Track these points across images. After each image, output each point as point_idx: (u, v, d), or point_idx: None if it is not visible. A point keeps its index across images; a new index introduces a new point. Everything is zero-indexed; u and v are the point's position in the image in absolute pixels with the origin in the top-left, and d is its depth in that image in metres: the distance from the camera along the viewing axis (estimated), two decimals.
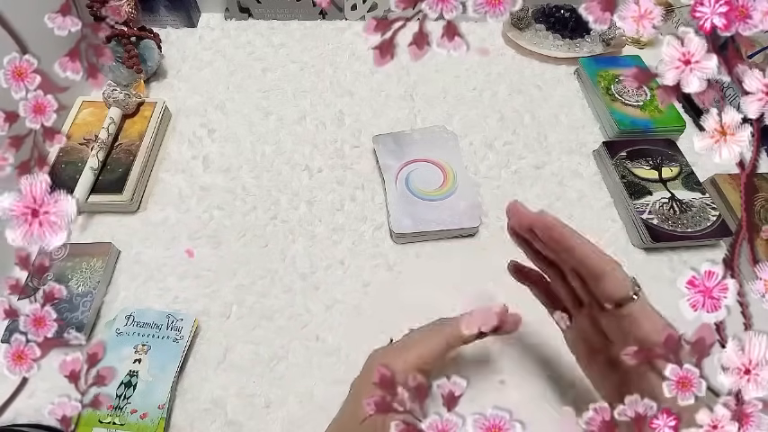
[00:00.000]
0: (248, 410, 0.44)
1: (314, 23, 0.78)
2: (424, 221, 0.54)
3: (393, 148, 0.60)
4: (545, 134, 0.65)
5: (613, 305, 0.34)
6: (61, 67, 0.24)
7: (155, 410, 0.42)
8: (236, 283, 0.51)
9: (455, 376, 0.25)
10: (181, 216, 0.56)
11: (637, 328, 0.33)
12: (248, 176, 0.59)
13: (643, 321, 0.33)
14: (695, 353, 0.25)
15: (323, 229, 0.55)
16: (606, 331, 0.36)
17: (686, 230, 0.53)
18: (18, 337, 0.27)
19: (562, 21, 0.74)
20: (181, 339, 0.46)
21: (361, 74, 0.71)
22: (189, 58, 0.72)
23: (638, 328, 0.33)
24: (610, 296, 0.34)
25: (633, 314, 0.33)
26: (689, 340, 0.26)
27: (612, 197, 0.59)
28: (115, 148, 0.58)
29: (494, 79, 0.71)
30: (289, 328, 0.49)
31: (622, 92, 0.66)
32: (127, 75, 0.63)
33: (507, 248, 0.55)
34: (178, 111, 0.66)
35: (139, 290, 0.50)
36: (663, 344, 0.27)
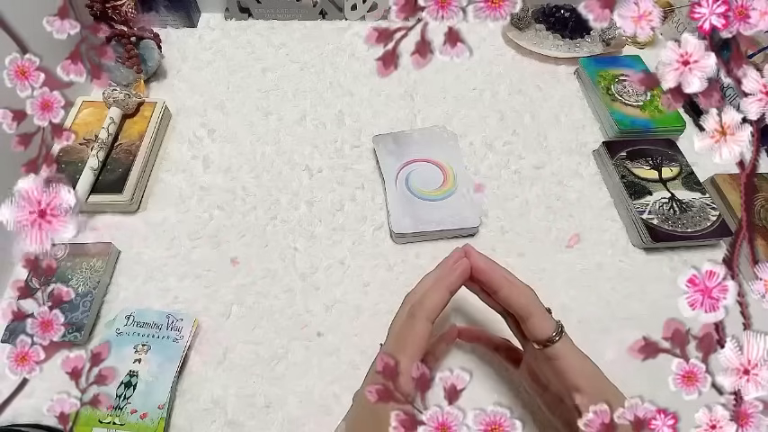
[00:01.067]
0: (248, 410, 0.44)
1: (314, 23, 0.78)
2: (424, 221, 0.54)
3: (393, 148, 0.60)
4: (545, 134, 0.65)
5: (540, 344, 0.36)
6: (64, 71, 0.24)
7: (155, 410, 0.42)
8: (237, 283, 0.51)
9: (458, 369, 0.25)
10: (181, 216, 0.56)
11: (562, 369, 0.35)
12: (248, 176, 0.59)
13: (567, 362, 0.35)
14: (702, 348, 0.25)
15: (323, 229, 0.55)
16: (538, 371, 0.39)
17: (686, 230, 0.53)
18: (24, 338, 0.27)
19: (562, 21, 0.74)
20: (181, 339, 0.46)
21: (361, 74, 0.71)
22: (189, 58, 0.72)
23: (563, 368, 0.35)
24: (538, 336, 0.36)
25: (558, 354, 0.35)
26: (696, 335, 0.26)
27: (612, 197, 0.59)
28: (115, 148, 0.58)
29: (494, 79, 0.71)
30: (289, 328, 0.49)
31: (622, 92, 0.66)
32: (127, 75, 0.63)
33: (507, 248, 0.55)
34: (178, 111, 0.66)
35: (139, 290, 0.50)
36: (670, 338, 0.27)
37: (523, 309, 0.37)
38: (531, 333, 0.36)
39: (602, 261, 0.54)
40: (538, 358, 0.37)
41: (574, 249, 0.55)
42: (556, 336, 0.35)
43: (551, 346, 0.35)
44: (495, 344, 0.46)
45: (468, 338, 0.47)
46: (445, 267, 0.41)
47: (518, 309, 0.37)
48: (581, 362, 0.35)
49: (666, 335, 0.26)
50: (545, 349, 0.36)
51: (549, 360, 0.36)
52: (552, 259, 0.54)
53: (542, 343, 0.36)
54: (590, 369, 0.35)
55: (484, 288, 0.40)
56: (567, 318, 0.50)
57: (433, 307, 0.37)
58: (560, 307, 0.51)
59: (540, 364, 0.37)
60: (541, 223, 0.57)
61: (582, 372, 0.35)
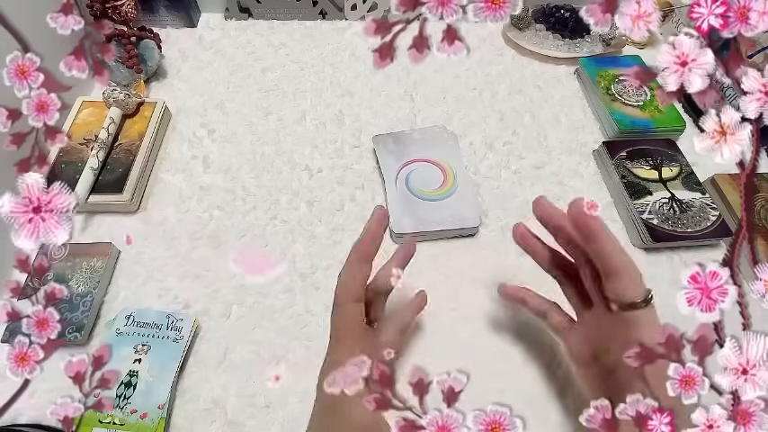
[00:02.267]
0: (248, 410, 0.44)
1: (314, 23, 0.78)
2: (424, 221, 0.54)
3: (393, 148, 0.60)
4: (545, 134, 0.65)
5: (621, 307, 0.33)
6: (67, 66, 0.24)
7: (155, 410, 0.42)
8: (237, 283, 0.51)
9: (455, 371, 0.25)
10: (181, 216, 0.56)
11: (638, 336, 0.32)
12: (248, 176, 0.59)
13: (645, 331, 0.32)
14: (697, 352, 0.25)
15: (323, 229, 0.55)
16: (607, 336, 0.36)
17: (686, 230, 0.53)
18: (21, 338, 0.27)
19: (562, 21, 0.74)
20: (181, 339, 0.46)
21: (361, 74, 0.71)
22: (189, 58, 0.72)
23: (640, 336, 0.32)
24: (622, 297, 0.33)
25: (638, 321, 0.33)
26: (690, 339, 0.26)
27: (612, 197, 0.59)
28: (115, 148, 0.58)
29: (494, 79, 0.71)
30: (289, 328, 0.49)
31: (622, 92, 0.66)
32: (127, 75, 0.63)
33: (507, 248, 0.55)
34: (178, 111, 0.66)
35: (139, 290, 0.50)
36: (664, 343, 0.27)
37: (619, 264, 0.33)
38: (617, 292, 0.33)
39: None
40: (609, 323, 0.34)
41: None
42: (643, 302, 0.32)
43: (634, 311, 0.32)
44: (542, 308, 0.42)
45: (511, 297, 0.44)
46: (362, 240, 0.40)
47: (613, 263, 0.33)
48: None
49: (660, 340, 0.26)
50: (625, 312, 0.33)
51: (626, 325, 0.33)
52: None
53: (626, 306, 0.33)
54: None
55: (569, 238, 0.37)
56: None
57: (353, 286, 0.37)
58: (561, 307, 0.51)
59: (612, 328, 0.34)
60: None
61: None
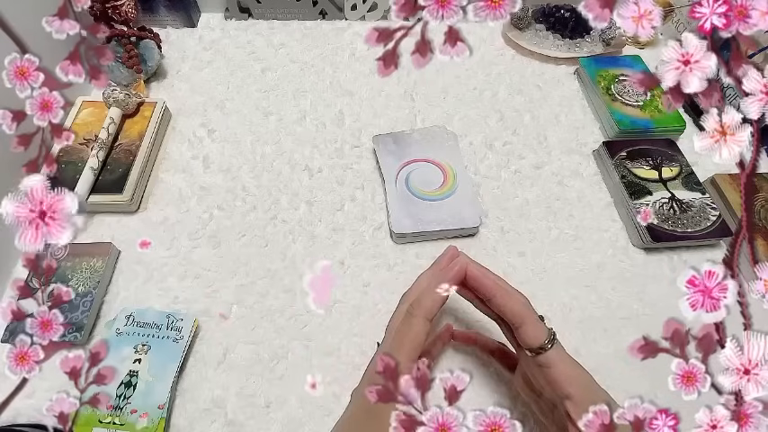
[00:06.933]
0: (248, 410, 0.44)
1: (314, 23, 0.78)
2: (424, 221, 0.54)
3: (393, 148, 0.60)
4: (545, 134, 0.65)
5: (532, 351, 0.36)
6: (63, 71, 0.24)
7: (155, 410, 0.42)
8: (237, 283, 0.51)
9: (458, 370, 0.25)
10: (181, 216, 0.56)
11: (553, 377, 0.35)
12: (248, 176, 0.59)
13: (558, 370, 0.35)
14: (701, 349, 0.25)
15: (323, 229, 0.55)
16: (531, 378, 0.39)
17: (686, 230, 0.53)
18: (23, 338, 0.27)
19: (562, 21, 0.74)
20: (181, 339, 0.46)
21: (361, 74, 0.71)
22: (189, 58, 0.72)
23: (554, 376, 0.35)
24: (530, 344, 0.36)
25: (550, 361, 0.35)
26: (696, 335, 0.26)
27: (612, 197, 0.59)
28: (115, 148, 0.58)
29: (494, 79, 0.71)
30: (289, 328, 0.49)
31: (622, 92, 0.66)
32: (127, 75, 0.63)
33: (507, 248, 0.55)
34: (178, 111, 0.66)
35: (139, 290, 0.50)
36: (670, 338, 0.27)
37: (516, 316, 0.37)
38: (524, 340, 0.36)
39: (603, 261, 0.54)
40: (530, 365, 0.37)
41: (573, 249, 0.55)
42: (548, 343, 0.35)
43: (543, 353, 0.35)
44: (490, 348, 0.46)
45: (463, 341, 0.47)
46: (441, 265, 0.41)
47: (511, 316, 0.37)
48: (572, 370, 0.35)
49: (666, 335, 0.26)
50: (537, 357, 0.35)
51: (541, 367, 0.35)
52: (552, 259, 0.54)
53: (534, 350, 0.36)
54: (581, 377, 0.35)
55: (477, 295, 0.40)
56: (567, 318, 0.50)
57: (430, 306, 0.37)
58: (560, 307, 0.51)
59: (533, 371, 0.37)
60: (541, 223, 0.57)
61: (573, 380, 0.34)
